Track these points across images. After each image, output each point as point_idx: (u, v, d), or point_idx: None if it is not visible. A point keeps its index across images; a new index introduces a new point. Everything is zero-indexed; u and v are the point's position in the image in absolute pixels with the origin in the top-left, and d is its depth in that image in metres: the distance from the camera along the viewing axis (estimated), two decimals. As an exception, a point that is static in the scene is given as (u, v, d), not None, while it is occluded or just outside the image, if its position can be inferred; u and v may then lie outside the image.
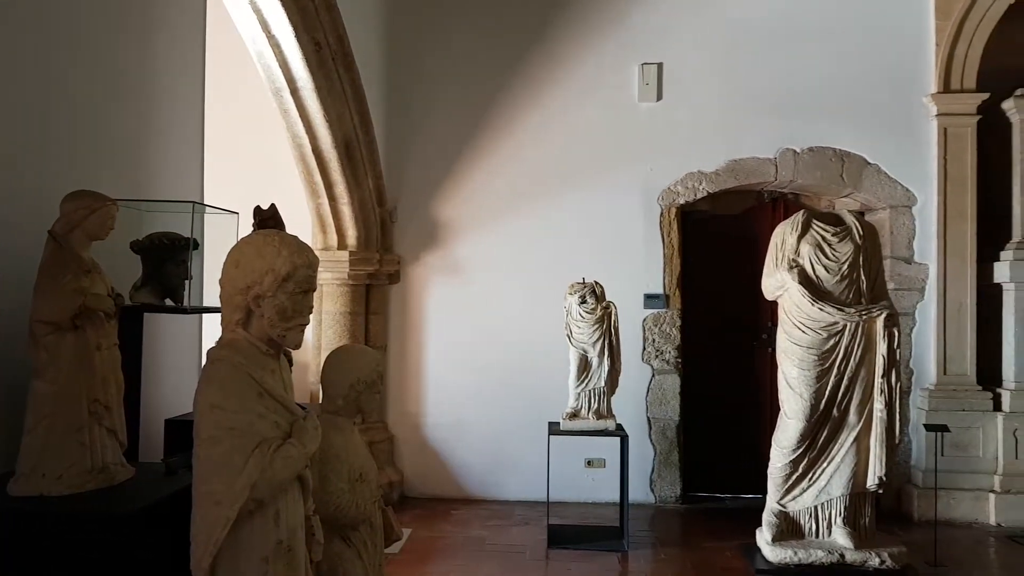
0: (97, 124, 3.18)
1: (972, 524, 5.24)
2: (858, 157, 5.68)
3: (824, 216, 4.59)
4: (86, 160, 3.07)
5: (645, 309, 5.85)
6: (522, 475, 5.65)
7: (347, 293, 5.71)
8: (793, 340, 4.42)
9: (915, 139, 5.63)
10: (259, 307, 1.84)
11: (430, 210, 5.99)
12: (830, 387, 4.32)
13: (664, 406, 5.80)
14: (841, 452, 4.34)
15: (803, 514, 4.43)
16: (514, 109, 5.94)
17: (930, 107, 5.57)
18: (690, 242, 6.00)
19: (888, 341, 4.26)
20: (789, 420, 4.42)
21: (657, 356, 5.82)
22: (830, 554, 4.27)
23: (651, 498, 5.78)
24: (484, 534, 5.05)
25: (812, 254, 4.41)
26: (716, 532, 5.08)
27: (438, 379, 5.92)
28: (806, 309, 4.35)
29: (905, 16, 5.67)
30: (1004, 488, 5.26)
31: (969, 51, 5.50)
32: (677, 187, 5.84)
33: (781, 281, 4.47)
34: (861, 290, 4.38)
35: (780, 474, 4.45)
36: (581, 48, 5.91)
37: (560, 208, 5.88)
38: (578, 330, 4.95)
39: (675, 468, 5.78)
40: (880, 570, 4.22)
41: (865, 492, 4.35)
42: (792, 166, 5.72)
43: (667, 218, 5.85)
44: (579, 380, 4.96)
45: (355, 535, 2.36)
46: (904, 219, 5.65)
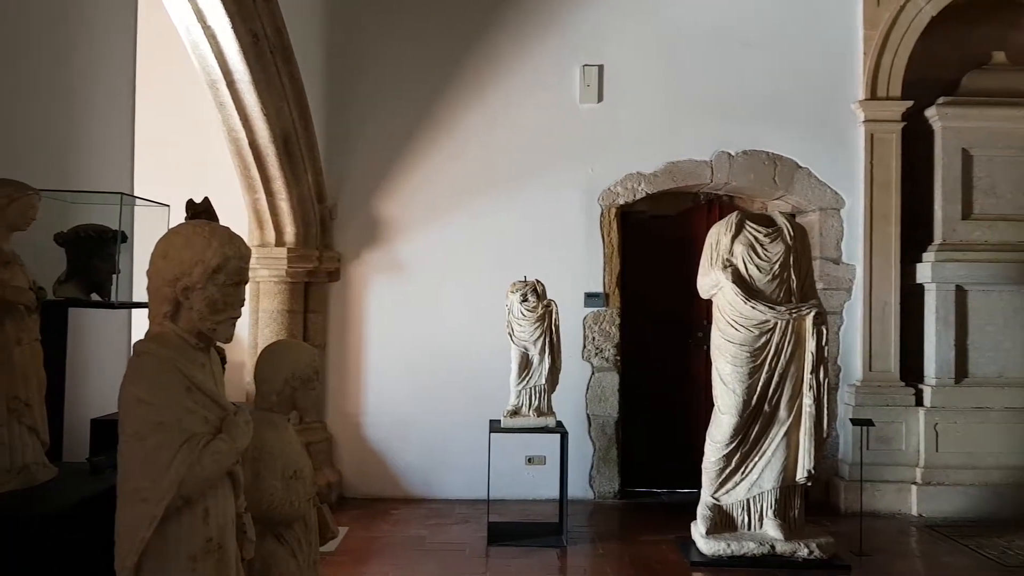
0: (22, 111, 3.05)
1: (895, 515, 5.46)
2: (790, 161, 5.85)
3: (757, 217, 4.72)
4: (8, 148, 2.95)
5: (585, 308, 5.91)
6: (463, 473, 5.65)
7: (285, 291, 5.61)
8: (727, 338, 4.53)
9: (844, 144, 5.83)
10: (188, 299, 1.79)
11: (371, 207, 5.93)
12: (761, 383, 4.44)
13: (603, 403, 5.87)
14: (772, 446, 4.47)
15: (736, 507, 4.55)
16: (457, 108, 5.94)
17: (858, 113, 5.78)
18: (629, 242, 6.09)
19: (817, 339, 4.41)
20: (722, 416, 4.53)
21: (597, 354, 5.89)
22: (761, 545, 4.39)
23: (590, 494, 5.84)
24: (424, 533, 5.03)
25: (745, 254, 4.54)
26: (653, 526, 5.17)
27: (378, 378, 5.87)
28: (739, 307, 4.47)
29: (836, 26, 5.87)
30: (925, 480, 5.50)
31: (895, 61, 5.73)
32: (617, 188, 5.92)
33: (715, 280, 4.59)
34: (791, 289, 4.52)
35: (714, 468, 4.57)
36: (523, 49, 5.94)
37: (502, 207, 5.89)
38: (519, 328, 4.97)
39: (614, 464, 5.86)
40: (809, 560, 4.37)
41: (795, 485, 4.49)
42: (727, 168, 5.86)
43: (607, 218, 5.93)
44: (520, 378, 4.98)
45: (289, 533, 2.32)
46: (833, 221, 5.85)
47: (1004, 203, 5.70)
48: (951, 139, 5.70)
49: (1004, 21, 6.16)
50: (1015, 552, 4.71)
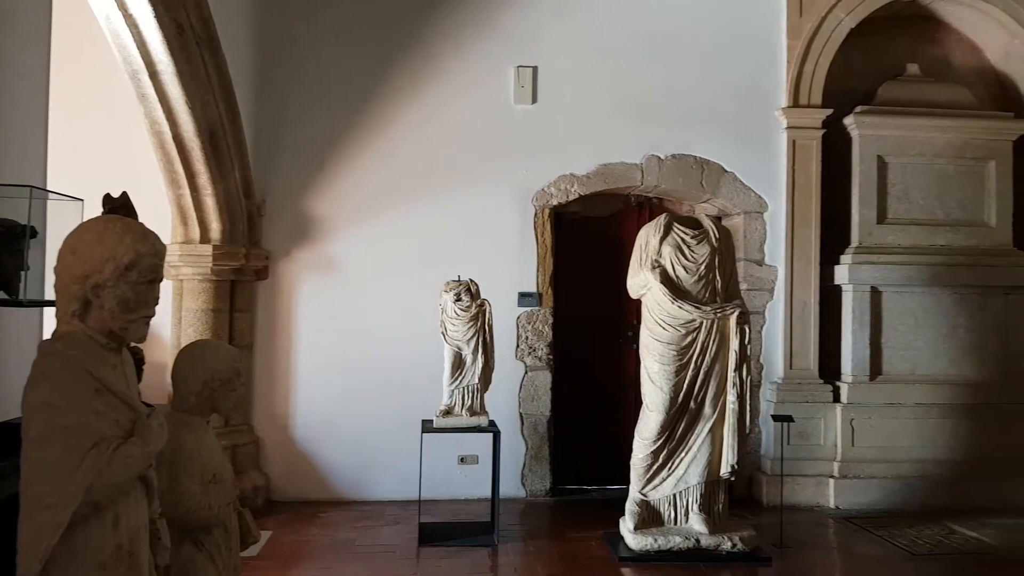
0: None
1: (814, 508, 5.66)
2: (716, 165, 6.01)
3: (684, 220, 4.83)
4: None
5: (519, 307, 5.94)
6: (395, 474, 5.60)
7: (210, 289, 5.46)
8: (655, 337, 4.63)
9: (767, 149, 6.01)
10: (99, 298, 1.73)
11: (302, 204, 5.83)
12: (688, 381, 4.56)
13: (536, 402, 5.91)
14: (698, 442, 4.59)
15: (663, 502, 4.65)
16: (391, 105, 5.88)
17: (781, 120, 5.98)
18: (562, 242, 6.14)
19: (740, 337, 4.54)
20: (650, 413, 4.63)
21: (530, 353, 5.93)
22: (687, 539, 4.50)
23: (522, 492, 5.88)
24: (353, 535, 4.97)
25: (673, 255, 4.64)
26: (583, 523, 5.23)
27: (308, 379, 5.77)
28: (667, 307, 4.57)
29: (762, 35, 6.04)
30: (842, 473, 5.72)
31: (816, 70, 5.94)
32: (551, 189, 5.97)
33: (645, 281, 4.68)
34: (716, 289, 4.65)
35: (642, 465, 4.66)
36: (458, 48, 5.93)
37: (437, 206, 5.87)
38: (453, 328, 4.96)
39: (545, 462, 5.90)
40: (732, 553, 4.50)
41: (719, 480, 4.62)
42: (657, 172, 5.98)
43: (541, 219, 5.97)
44: (453, 377, 4.98)
45: (208, 539, 2.27)
46: (756, 224, 6.03)
47: (916, 208, 5.98)
48: (867, 146, 5.95)
49: (918, 35, 6.47)
50: (923, 541, 4.95)
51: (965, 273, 5.85)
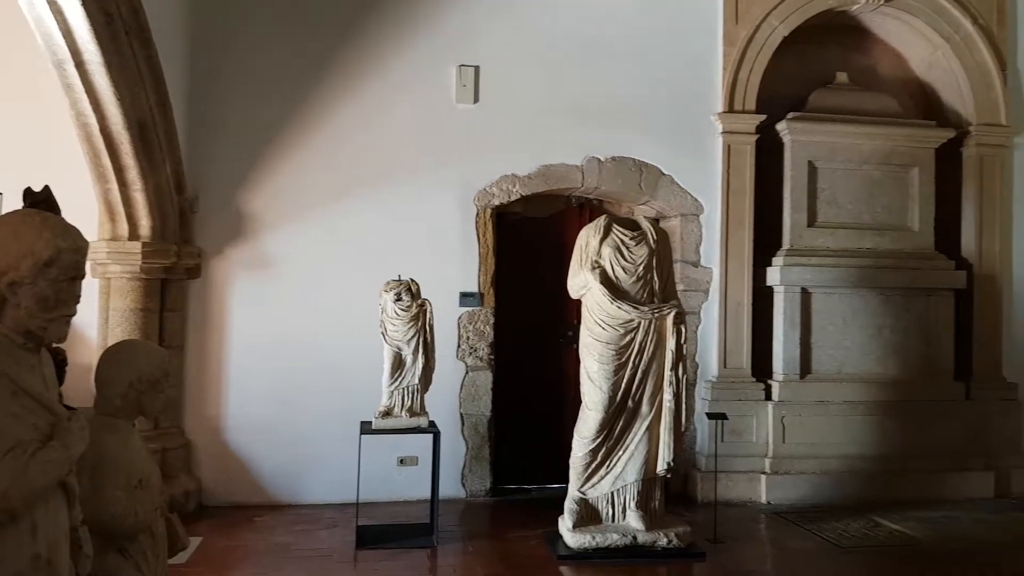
0: None
1: (747, 503, 5.80)
2: (655, 168, 6.10)
3: (623, 221, 4.90)
4: None
5: (460, 307, 5.92)
6: (332, 477, 5.51)
7: (139, 288, 5.28)
8: (594, 336, 4.68)
9: (704, 153, 6.13)
10: (15, 295, 1.64)
11: (236, 201, 5.68)
12: (626, 380, 4.61)
13: (477, 402, 5.90)
14: (635, 440, 4.65)
15: (601, 500, 4.70)
16: (330, 101, 5.79)
17: (716, 125, 6.11)
18: (504, 242, 6.15)
19: (676, 337, 4.62)
20: (589, 412, 4.67)
21: (471, 353, 5.91)
22: (624, 536, 4.55)
23: (462, 493, 5.86)
24: (289, 540, 4.87)
25: (612, 256, 4.69)
26: (523, 522, 5.24)
27: (242, 380, 5.62)
28: (606, 307, 4.62)
29: (699, 41, 6.16)
30: (773, 469, 5.88)
31: (750, 76, 6.09)
32: (492, 189, 5.96)
33: (585, 281, 4.72)
34: (654, 290, 4.72)
35: (581, 463, 4.70)
36: (399, 45, 5.88)
37: (377, 204, 5.80)
38: (393, 328, 4.92)
39: (485, 463, 5.90)
40: (668, 549, 4.57)
41: (656, 477, 4.69)
42: (597, 173, 6.04)
43: (482, 218, 5.96)
44: (393, 378, 4.93)
45: (133, 546, 2.18)
46: (693, 226, 6.15)
47: (844, 212, 6.19)
48: (799, 152, 6.13)
49: (847, 44, 6.71)
50: (850, 534, 5.13)
51: (890, 275, 6.08)
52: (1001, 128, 6.33)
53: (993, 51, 6.33)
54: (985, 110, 6.32)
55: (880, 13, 6.36)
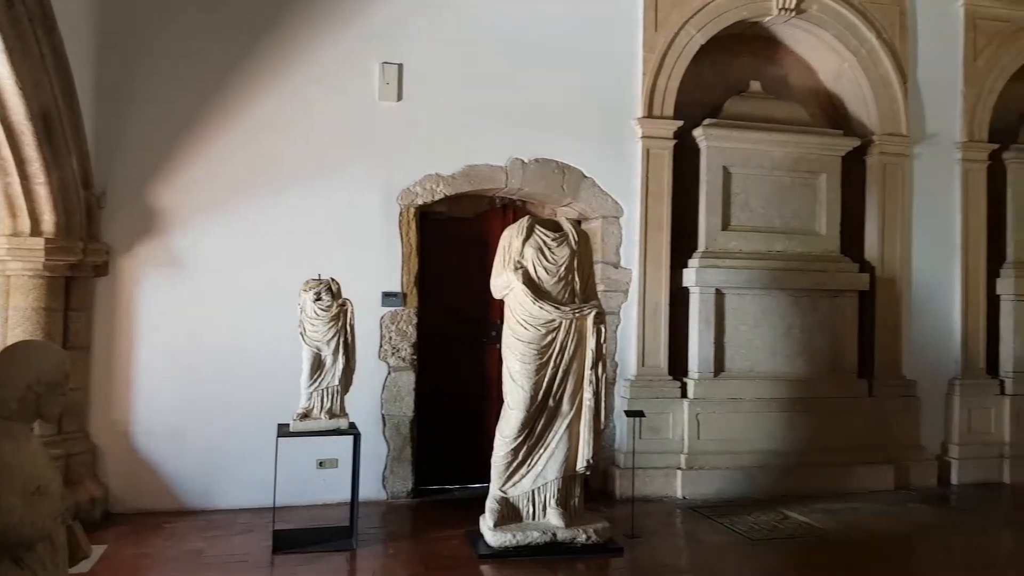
0: None
1: (663, 498, 5.95)
2: (577, 170, 6.19)
3: (546, 223, 4.96)
4: None
5: (383, 307, 5.86)
6: (248, 481, 5.37)
7: (42, 286, 5.02)
8: (516, 336, 4.72)
9: (624, 157, 6.25)
10: None
11: (147, 196, 5.48)
12: (547, 379, 4.67)
13: (399, 403, 5.86)
14: (556, 439, 4.71)
15: (522, 498, 4.74)
16: (248, 94, 5.65)
17: (636, 129, 6.24)
18: (428, 242, 6.13)
19: (596, 337, 4.70)
20: (511, 411, 4.71)
21: (393, 353, 5.87)
22: (544, 534, 4.61)
23: (384, 495, 5.81)
24: (201, 546, 4.73)
25: (535, 257, 4.75)
26: (445, 523, 5.23)
27: (152, 382, 5.42)
28: (528, 307, 4.67)
29: (621, 46, 6.27)
30: (688, 465, 6.05)
31: (669, 83, 6.25)
32: (416, 188, 5.93)
33: (507, 281, 4.76)
34: (575, 290, 4.80)
35: (502, 462, 4.73)
36: (322, 40, 5.78)
37: (297, 201, 5.69)
38: (312, 328, 4.84)
39: (407, 464, 5.86)
40: (587, 545, 4.65)
41: (576, 474, 4.77)
42: (521, 175, 6.08)
43: (406, 217, 5.92)
44: (312, 379, 4.86)
45: (30, 556, 2.09)
46: (613, 228, 6.26)
47: (756, 216, 6.43)
48: (714, 157, 6.33)
49: (761, 55, 6.97)
50: (760, 527, 5.33)
51: (799, 277, 6.35)
52: (902, 138, 6.70)
53: (896, 65, 6.69)
54: (887, 120, 6.67)
55: (792, 25, 6.63)
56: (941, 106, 6.85)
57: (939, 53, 6.84)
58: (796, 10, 6.39)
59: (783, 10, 6.36)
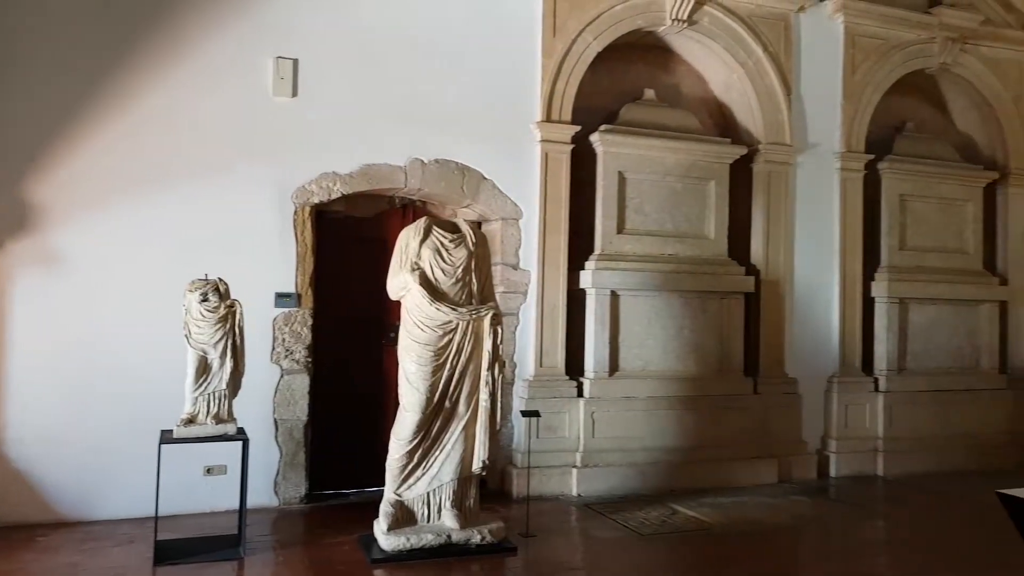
0: None
1: (559, 497, 6.04)
2: (477, 172, 6.20)
3: (443, 224, 4.95)
4: None
5: (276, 308, 5.71)
6: (130, 490, 5.13)
7: None
8: (413, 338, 4.69)
9: (523, 160, 6.31)
10: None
11: (19, 190, 5.14)
12: (443, 381, 4.67)
13: (292, 407, 5.72)
14: (452, 440, 4.71)
15: (417, 501, 4.72)
16: (132, 84, 5.38)
17: (535, 133, 6.31)
18: (324, 242, 6.02)
19: (493, 338, 4.73)
20: (407, 413, 4.68)
21: (287, 356, 5.73)
22: (439, 536, 4.60)
23: (276, 501, 5.66)
24: (77, 559, 4.48)
25: (432, 258, 4.74)
26: (338, 528, 5.14)
27: (23, 387, 5.09)
28: (425, 309, 4.65)
29: (521, 50, 6.32)
30: (584, 463, 6.17)
31: (567, 88, 6.35)
32: (312, 186, 5.81)
33: (404, 282, 4.73)
34: (472, 292, 4.81)
35: (397, 465, 4.70)
36: (213, 31, 5.57)
37: (186, 199, 5.46)
38: (198, 330, 4.66)
39: (301, 469, 5.74)
40: (481, 546, 4.67)
41: (471, 475, 4.78)
42: (420, 175, 6.05)
43: (301, 217, 5.79)
44: (197, 383, 4.68)
45: None
46: (512, 230, 6.31)
47: (649, 220, 6.62)
48: (610, 163, 6.48)
49: (655, 63, 7.18)
50: (651, 522, 5.49)
51: (689, 279, 6.58)
52: (786, 147, 7.04)
53: (781, 77, 7.02)
54: (772, 130, 7.00)
55: (684, 36, 6.87)
56: (822, 118, 7.24)
57: (821, 67, 7.23)
58: (688, 21, 6.62)
59: (676, 21, 6.57)
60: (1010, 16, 7.86)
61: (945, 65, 7.65)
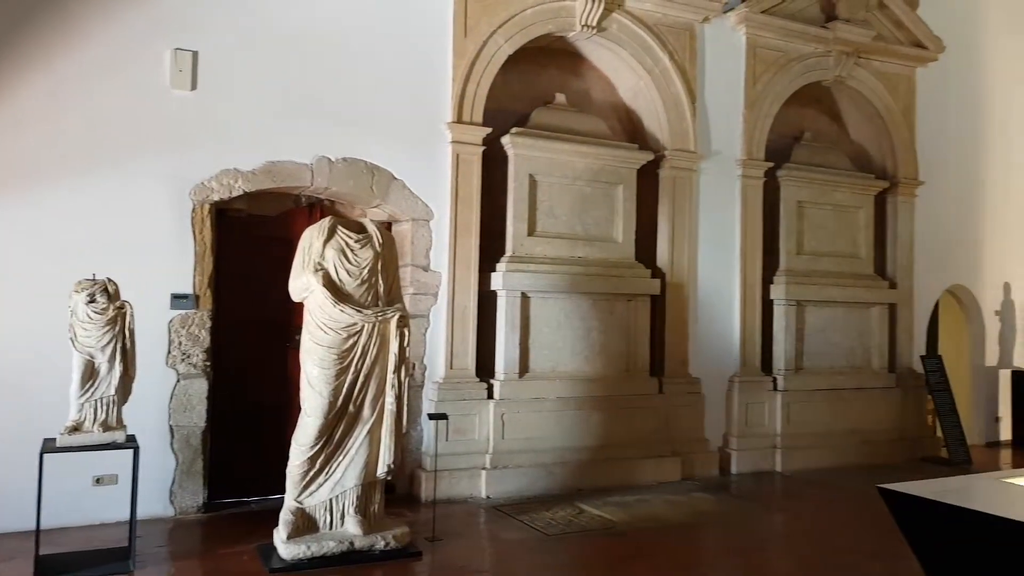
0: None
1: (468, 499, 6.02)
2: (387, 172, 6.12)
3: (349, 224, 4.86)
4: None
5: (172, 310, 5.49)
6: (9, 503, 4.82)
7: None
8: (316, 340, 4.58)
9: (435, 160, 6.27)
10: None
11: None
12: (347, 384, 4.58)
13: (189, 412, 5.50)
14: (356, 445, 4.63)
15: (319, 508, 4.61)
16: (18, 70, 5.07)
17: (447, 134, 6.27)
18: (226, 241, 5.82)
19: (400, 340, 4.67)
20: (309, 418, 4.57)
21: (184, 360, 5.50)
22: (341, 543, 4.51)
23: (171, 511, 5.43)
24: (-54, 579, 4.19)
25: (336, 259, 4.64)
26: (237, 538, 4.97)
27: None
28: (328, 311, 4.55)
29: (433, 50, 6.28)
30: (493, 465, 6.17)
31: (478, 90, 6.35)
32: (212, 183, 5.60)
33: (307, 283, 4.62)
34: (379, 293, 4.74)
35: (298, 472, 4.58)
36: (105, 19, 5.31)
37: (76, 195, 5.19)
38: (84, 333, 4.42)
39: (198, 477, 5.52)
40: (385, 552, 4.60)
41: (376, 480, 4.71)
42: (327, 173, 5.92)
43: (200, 214, 5.57)
44: (83, 389, 4.43)
45: None
46: (423, 231, 6.26)
47: (560, 223, 6.69)
48: (521, 165, 6.51)
49: (567, 68, 7.26)
50: (557, 522, 5.54)
51: (598, 282, 6.68)
52: (690, 154, 7.24)
53: (686, 86, 7.21)
54: (678, 137, 7.18)
55: (594, 42, 6.97)
56: (725, 126, 7.48)
57: (724, 77, 7.47)
58: (598, 28, 6.72)
59: (586, 27, 6.66)
60: (900, 33, 8.32)
61: (840, 78, 8.03)
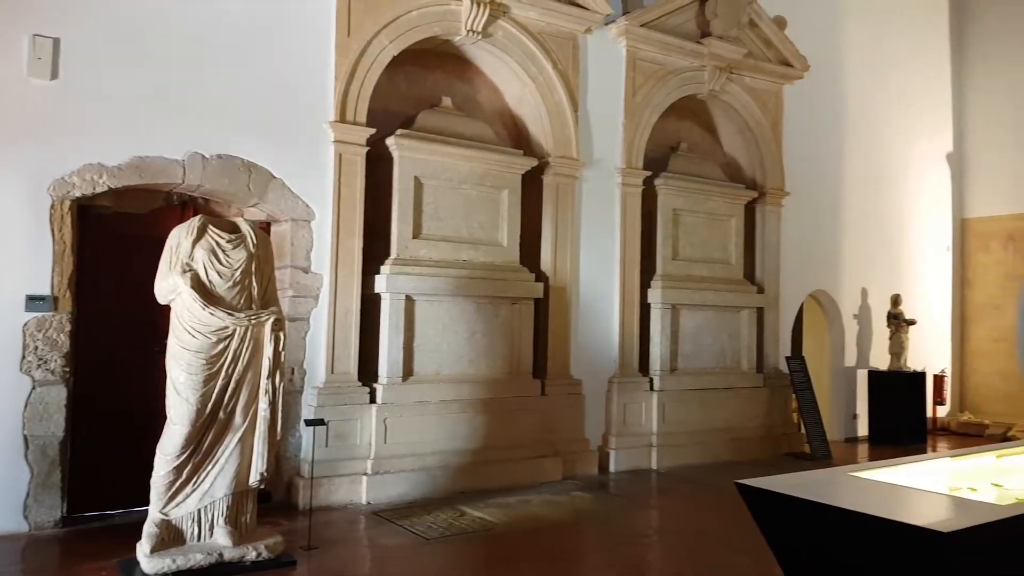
0: None
1: (347, 506, 5.93)
2: (265, 170, 5.95)
3: (221, 223, 4.69)
4: None
5: (27, 312, 5.15)
6: None
7: None
8: (183, 345, 4.40)
9: (316, 160, 6.15)
10: None
11: None
12: (217, 390, 4.42)
13: (46, 422, 5.16)
14: (226, 454, 4.47)
15: (186, 519, 4.43)
16: None
17: (329, 133, 6.16)
18: (89, 240, 5.51)
19: (274, 344, 4.55)
20: (175, 426, 4.39)
21: (40, 366, 5.16)
22: (209, 555, 4.35)
23: (25, 526, 5.08)
24: None
25: (207, 259, 4.48)
26: (97, 553, 4.71)
27: None
28: (197, 314, 4.38)
29: (315, 48, 6.15)
30: (375, 470, 6.10)
31: (362, 90, 6.27)
32: (73, 178, 5.29)
33: (174, 285, 4.43)
34: (253, 296, 4.60)
35: (163, 482, 4.39)
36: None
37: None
38: (-78, 337, 4.07)
39: (56, 490, 5.18)
40: (257, 562, 4.47)
41: (248, 489, 4.56)
42: (201, 171, 5.70)
43: (59, 211, 5.25)
44: (-80, 398, 4.08)
45: None
46: (304, 232, 6.12)
47: (445, 226, 6.70)
48: (406, 167, 6.48)
49: (453, 72, 7.29)
50: (438, 525, 5.54)
51: (483, 285, 6.73)
52: (573, 161, 7.41)
53: (569, 94, 7.38)
54: (561, 144, 7.34)
55: (480, 48, 7.03)
56: (606, 134, 7.71)
57: (605, 87, 7.70)
58: (483, 33, 6.78)
59: (471, 32, 6.71)
60: (769, 51, 8.83)
61: (714, 92, 8.43)
